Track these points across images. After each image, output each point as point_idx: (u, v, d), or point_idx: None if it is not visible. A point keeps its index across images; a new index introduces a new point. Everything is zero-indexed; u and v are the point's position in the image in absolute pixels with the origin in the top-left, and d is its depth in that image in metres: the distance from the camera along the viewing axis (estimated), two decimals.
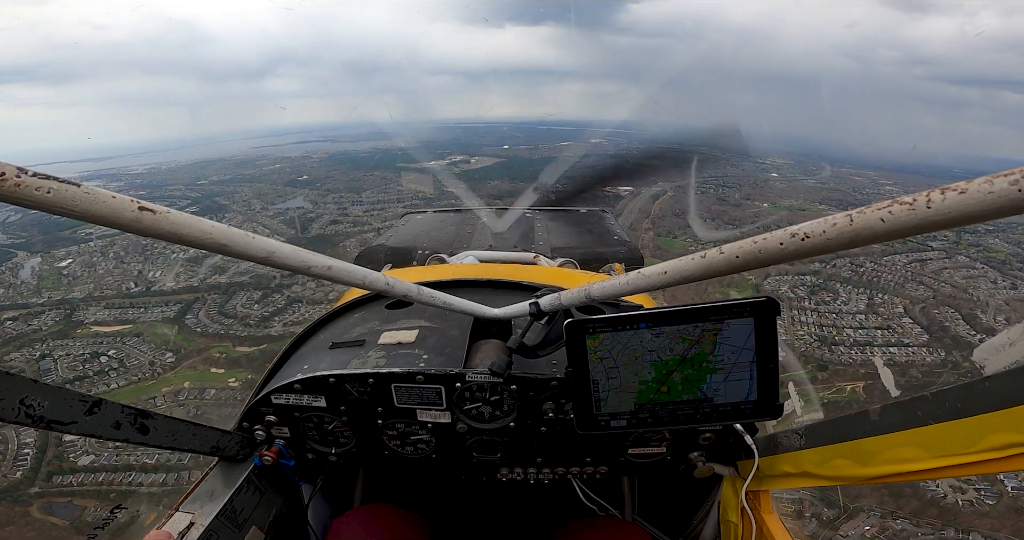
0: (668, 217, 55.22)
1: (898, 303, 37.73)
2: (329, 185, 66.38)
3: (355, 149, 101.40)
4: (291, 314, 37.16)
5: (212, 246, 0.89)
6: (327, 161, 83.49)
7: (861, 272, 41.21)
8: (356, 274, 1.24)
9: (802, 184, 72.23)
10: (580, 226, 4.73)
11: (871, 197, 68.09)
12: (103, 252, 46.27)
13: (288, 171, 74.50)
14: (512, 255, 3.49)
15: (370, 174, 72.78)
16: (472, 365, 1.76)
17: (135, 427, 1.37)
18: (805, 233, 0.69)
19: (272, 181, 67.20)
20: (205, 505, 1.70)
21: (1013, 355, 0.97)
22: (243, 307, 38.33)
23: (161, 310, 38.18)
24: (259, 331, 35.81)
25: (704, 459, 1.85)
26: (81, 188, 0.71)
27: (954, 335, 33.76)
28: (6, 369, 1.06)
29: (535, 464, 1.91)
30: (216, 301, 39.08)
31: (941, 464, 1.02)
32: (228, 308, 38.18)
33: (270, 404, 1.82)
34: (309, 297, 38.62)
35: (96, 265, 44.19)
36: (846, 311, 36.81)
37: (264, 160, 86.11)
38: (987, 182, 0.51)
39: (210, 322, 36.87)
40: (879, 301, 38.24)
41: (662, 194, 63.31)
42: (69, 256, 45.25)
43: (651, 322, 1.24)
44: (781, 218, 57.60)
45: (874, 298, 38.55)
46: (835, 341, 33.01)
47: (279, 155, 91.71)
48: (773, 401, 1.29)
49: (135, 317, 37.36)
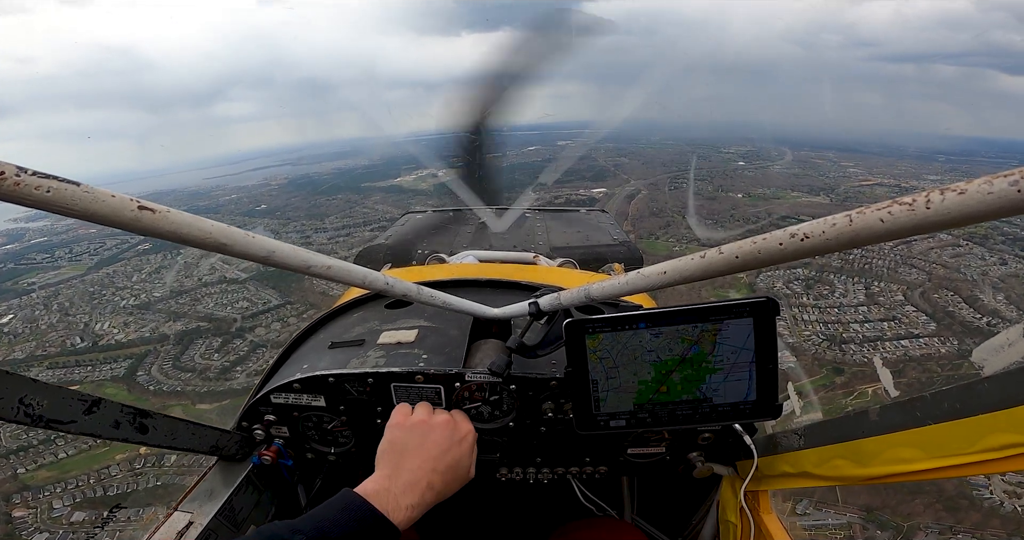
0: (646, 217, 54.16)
1: (896, 290, 37.34)
2: (290, 213, 63.59)
3: (317, 171, 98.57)
4: (255, 362, 33.95)
5: (212, 245, 0.89)
6: (287, 187, 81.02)
7: (851, 259, 40.92)
8: (356, 273, 1.24)
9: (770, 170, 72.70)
10: (580, 226, 4.65)
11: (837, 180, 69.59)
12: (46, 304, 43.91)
13: (246, 201, 71.63)
14: (512, 255, 3.45)
15: (333, 198, 70.24)
16: (471, 365, 1.74)
17: (134, 426, 1.36)
18: (805, 233, 0.69)
19: (229, 212, 65.07)
20: (204, 505, 1.69)
21: (1012, 355, 0.96)
22: (201, 358, 35.05)
23: (110, 367, 35.10)
24: (220, 385, 32.38)
25: (703, 459, 1.83)
26: (81, 187, 0.71)
27: (961, 320, 33.22)
28: (5, 368, 1.05)
29: (534, 464, 1.90)
30: (170, 353, 35.96)
31: (940, 464, 1.02)
32: (185, 360, 34.88)
33: (269, 403, 1.81)
34: (275, 340, 35.50)
35: (39, 319, 40.99)
36: (847, 304, 36.23)
37: (220, 191, 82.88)
38: (987, 183, 0.52)
39: (164, 378, 33.61)
40: (877, 290, 37.78)
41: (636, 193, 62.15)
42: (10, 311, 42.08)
43: (650, 322, 1.24)
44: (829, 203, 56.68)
45: (871, 287, 38.09)
46: (844, 339, 32.31)
47: (236, 184, 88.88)
48: (772, 401, 1.29)
49: (82, 377, 34.25)
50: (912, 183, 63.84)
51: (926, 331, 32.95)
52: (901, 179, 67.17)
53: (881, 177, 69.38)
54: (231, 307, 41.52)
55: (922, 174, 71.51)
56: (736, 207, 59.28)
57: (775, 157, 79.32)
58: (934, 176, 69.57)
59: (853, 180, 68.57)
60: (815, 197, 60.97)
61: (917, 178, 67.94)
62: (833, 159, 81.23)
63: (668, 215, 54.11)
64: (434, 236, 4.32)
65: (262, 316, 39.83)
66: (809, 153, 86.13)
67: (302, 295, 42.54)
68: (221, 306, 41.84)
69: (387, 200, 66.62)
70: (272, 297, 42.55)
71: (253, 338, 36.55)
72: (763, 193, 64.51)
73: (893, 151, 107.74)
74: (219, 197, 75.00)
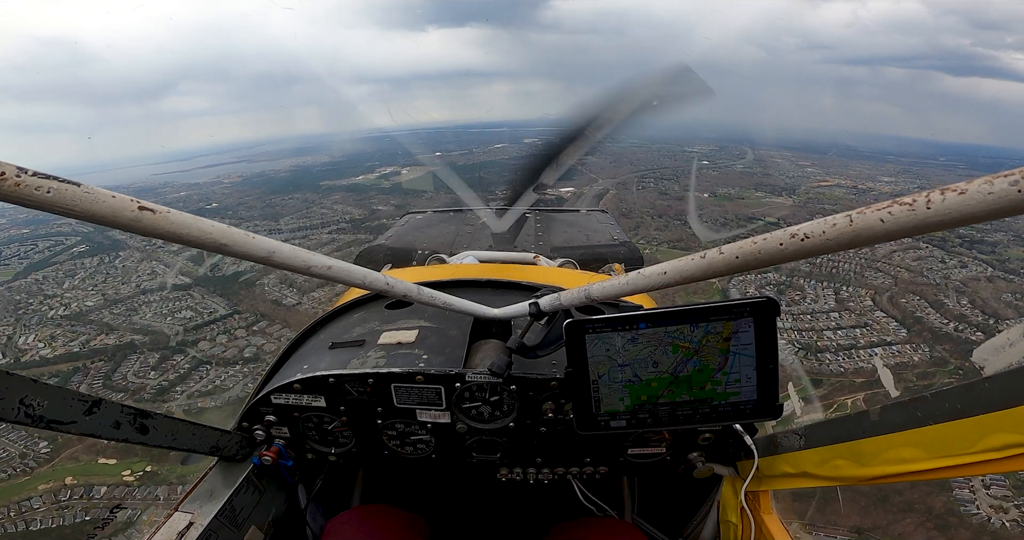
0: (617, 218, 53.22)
1: (864, 295, 37.65)
2: (243, 212, 59.57)
3: (274, 169, 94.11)
4: (198, 381, 30.66)
5: (212, 245, 0.90)
6: (241, 185, 76.75)
7: (819, 263, 40.99)
8: (356, 274, 1.24)
9: (732, 170, 73.53)
10: (580, 226, 4.65)
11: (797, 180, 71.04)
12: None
13: (195, 199, 67.20)
14: (512, 255, 3.45)
15: (289, 197, 66.65)
16: (472, 365, 1.75)
17: (135, 427, 1.36)
18: (805, 233, 0.70)
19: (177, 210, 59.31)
20: (204, 505, 1.69)
21: (1013, 355, 0.97)
22: (135, 376, 31.47)
23: None
24: (157, 406, 29.33)
25: (704, 459, 1.83)
26: (81, 187, 0.72)
27: (930, 327, 33.67)
28: (5, 369, 1.05)
29: (535, 464, 1.90)
30: (102, 370, 32.30)
31: (941, 464, 1.02)
32: (117, 379, 31.26)
33: (270, 404, 1.81)
34: (220, 356, 32.50)
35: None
36: (819, 311, 36.29)
37: (168, 187, 77.71)
38: (987, 183, 0.52)
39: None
40: (846, 295, 38.06)
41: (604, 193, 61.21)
42: None
43: (651, 322, 1.24)
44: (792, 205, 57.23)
45: (840, 292, 38.29)
46: (819, 348, 31.95)
47: (185, 181, 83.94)
48: (773, 401, 1.29)
49: None
50: (868, 185, 65.21)
51: (897, 338, 32.96)
52: (858, 180, 68.67)
53: (838, 178, 70.92)
54: (172, 318, 37.64)
55: (876, 176, 73.31)
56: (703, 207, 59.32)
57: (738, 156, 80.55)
58: (888, 178, 71.50)
59: (812, 180, 69.82)
60: (778, 197, 61.75)
61: (872, 180, 69.54)
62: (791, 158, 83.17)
63: (637, 216, 53.43)
64: (434, 236, 4.31)
65: (207, 328, 36.11)
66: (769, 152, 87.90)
67: (252, 303, 39.31)
68: (160, 316, 37.78)
69: (347, 199, 63.34)
70: (219, 306, 38.84)
71: (196, 353, 32.63)
72: (728, 193, 64.94)
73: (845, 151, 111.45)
74: (167, 194, 68.83)
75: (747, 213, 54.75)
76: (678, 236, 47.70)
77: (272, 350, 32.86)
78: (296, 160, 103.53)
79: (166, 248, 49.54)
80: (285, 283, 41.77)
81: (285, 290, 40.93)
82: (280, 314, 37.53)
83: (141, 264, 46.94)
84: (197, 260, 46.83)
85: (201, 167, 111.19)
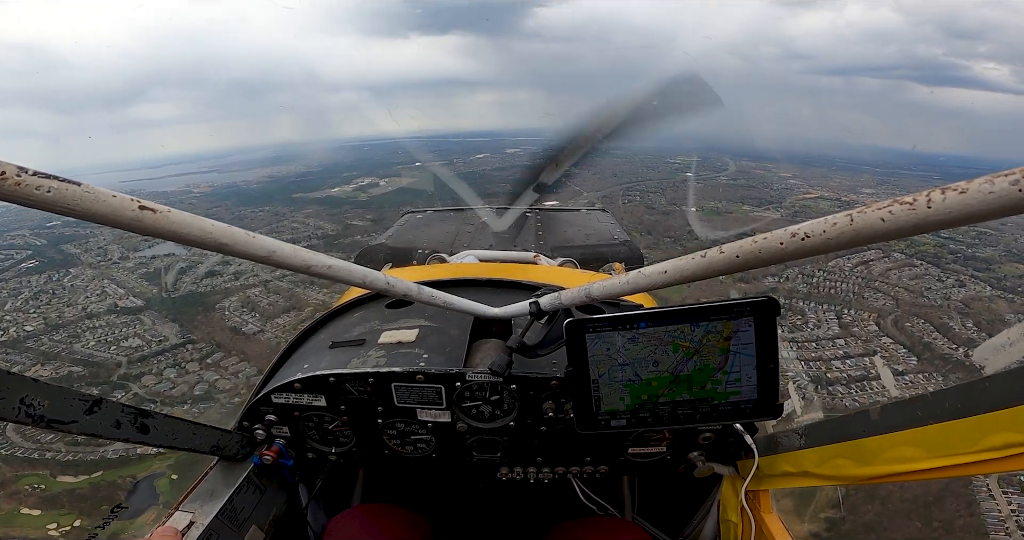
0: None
1: (868, 319, 36.25)
2: None
3: (246, 179, 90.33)
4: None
5: (212, 245, 0.90)
6: (211, 196, 73.48)
7: (815, 283, 39.56)
8: (356, 273, 1.24)
9: (716, 182, 72.63)
10: (580, 226, 4.65)
11: (781, 192, 70.53)
12: None
13: None
14: (512, 254, 3.46)
15: (260, 209, 63.26)
16: (472, 364, 1.75)
17: (135, 426, 1.35)
18: (805, 233, 0.69)
19: None
20: (205, 504, 1.69)
21: (1013, 355, 0.97)
22: None
23: None
24: (90, 452, 25.10)
25: (704, 459, 1.82)
26: (82, 187, 0.72)
27: (940, 354, 32.22)
28: (6, 368, 1.04)
29: (535, 463, 1.89)
30: None
31: (941, 464, 1.03)
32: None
33: (270, 403, 1.81)
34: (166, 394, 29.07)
35: None
36: (823, 337, 34.70)
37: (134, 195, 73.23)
38: (988, 182, 0.52)
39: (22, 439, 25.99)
40: (848, 319, 36.64)
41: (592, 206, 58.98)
42: None
43: (651, 321, 1.24)
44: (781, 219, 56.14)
45: (842, 315, 36.78)
46: (830, 380, 30.33)
47: (153, 190, 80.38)
48: (773, 401, 1.29)
49: None
50: (851, 196, 64.68)
51: (909, 367, 31.53)
52: (840, 192, 68.39)
53: (821, 190, 70.63)
54: (117, 346, 33.94)
55: (857, 187, 73.30)
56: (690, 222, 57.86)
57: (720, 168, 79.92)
58: (869, 189, 71.58)
59: (796, 193, 69.43)
60: (765, 210, 60.87)
61: (853, 191, 69.22)
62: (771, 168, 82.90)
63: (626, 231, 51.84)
64: (434, 236, 4.33)
65: (154, 360, 32.62)
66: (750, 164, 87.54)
67: (208, 331, 35.62)
68: (104, 345, 34.06)
69: (320, 213, 60.12)
70: (171, 334, 35.34)
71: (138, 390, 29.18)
72: (715, 206, 63.87)
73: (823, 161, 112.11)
74: None
75: (740, 228, 53.51)
76: (669, 255, 45.97)
77: (226, 388, 29.52)
78: (270, 170, 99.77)
79: (121, 265, 45.76)
80: (247, 307, 38.42)
81: (246, 315, 37.51)
82: (238, 344, 33.84)
83: (92, 283, 42.99)
84: (153, 278, 43.20)
85: (171, 175, 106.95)
